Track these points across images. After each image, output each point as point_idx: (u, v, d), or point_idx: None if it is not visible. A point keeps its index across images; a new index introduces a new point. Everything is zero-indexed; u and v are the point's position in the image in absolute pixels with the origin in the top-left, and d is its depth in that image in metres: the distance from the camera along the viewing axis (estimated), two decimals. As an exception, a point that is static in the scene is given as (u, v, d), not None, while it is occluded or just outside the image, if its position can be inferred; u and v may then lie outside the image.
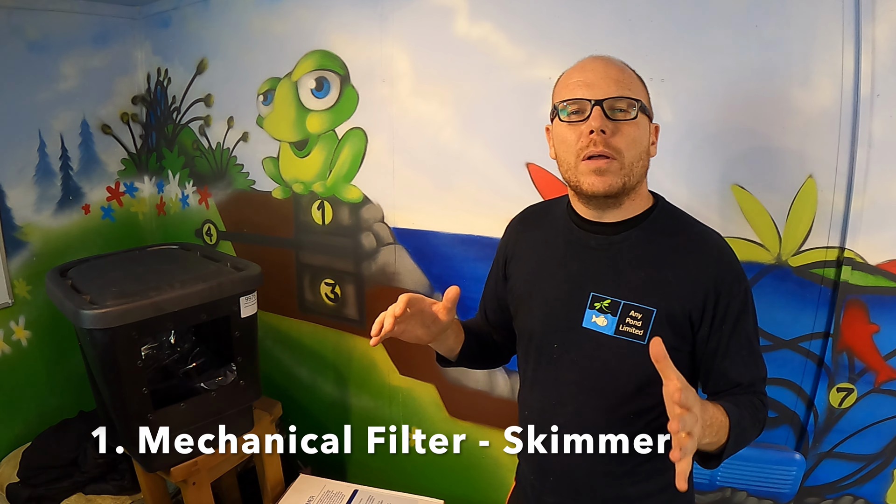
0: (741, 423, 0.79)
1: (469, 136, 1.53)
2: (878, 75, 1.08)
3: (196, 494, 1.47)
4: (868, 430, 1.23)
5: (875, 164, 1.11)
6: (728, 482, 1.30)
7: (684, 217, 0.91)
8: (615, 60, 0.85)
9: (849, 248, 1.16)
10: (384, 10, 1.58)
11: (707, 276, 0.82)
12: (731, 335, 0.84)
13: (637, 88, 0.83)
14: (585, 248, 0.89)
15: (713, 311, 0.83)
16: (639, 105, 0.80)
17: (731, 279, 0.83)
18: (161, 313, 1.30)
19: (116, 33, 2.08)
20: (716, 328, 0.83)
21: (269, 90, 1.86)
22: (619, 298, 0.84)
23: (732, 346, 0.84)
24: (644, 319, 0.83)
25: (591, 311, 0.86)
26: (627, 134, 0.80)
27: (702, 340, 0.84)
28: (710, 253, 0.84)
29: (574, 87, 0.82)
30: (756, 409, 0.84)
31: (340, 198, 1.79)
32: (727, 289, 0.82)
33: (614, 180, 0.81)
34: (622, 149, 0.80)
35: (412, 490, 1.63)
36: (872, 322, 1.18)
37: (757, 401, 0.85)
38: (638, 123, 0.81)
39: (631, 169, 0.81)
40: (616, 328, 0.84)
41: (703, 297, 0.82)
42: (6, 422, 1.92)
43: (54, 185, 2.00)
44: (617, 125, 0.80)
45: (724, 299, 0.82)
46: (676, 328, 0.83)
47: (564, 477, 0.90)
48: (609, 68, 0.82)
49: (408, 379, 1.80)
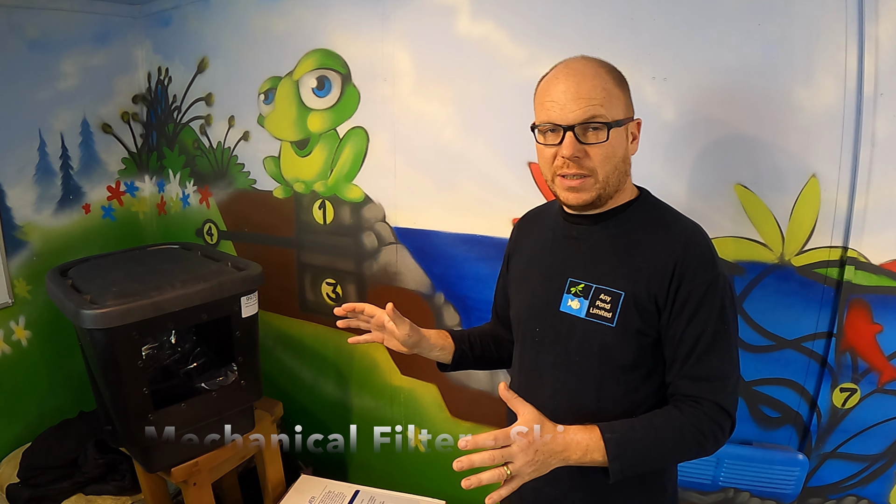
0: (633, 444, 0.81)
1: (471, 136, 1.53)
2: (882, 74, 1.08)
3: (197, 495, 1.46)
4: (871, 431, 1.23)
5: (878, 164, 1.11)
6: (731, 483, 1.30)
7: (664, 209, 0.92)
8: (589, 70, 0.84)
9: (852, 247, 1.16)
10: (386, 9, 1.58)
11: (673, 261, 0.84)
12: (687, 323, 0.83)
13: (611, 99, 0.83)
14: (568, 238, 0.94)
15: (674, 297, 0.84)
16: (609, 127, 0.82)
17: (695, 266, 0.83)
18: (162, 313, 1.29)
19: (117, 32, 2.08)
20: (675, 314, 0.84)
21: (270, 89, 1.85)
22: (591, 283, 0.89)
23: (687, 336, 0.84)
24: (612, 302, 0.86)
25: (568, 296, 0.91)
26: (600, 153, 0.83)
27: (664, 326, 0.86)
28: (679, 240, 0.85)
29: (549, 109, 0.85)
30: (682, 426, 0.82)
31: (342, 197, 1.78)
32: (690, 275, 0.83)
33: (588, 196, 0.86)
34: (595, 167, 0.84)
35: (413, 491, 1.62)
36: (876, 322, 1.18)
37: (691, 414, 0.82)
38: (610, 142, 0.83)
39: (606, 182, 0.85)
40: (587, 311, 0.88)
41: (668, 281, 0.84)
42: (6, 422, 1.92)
43: (54, 184, 2.00)
44: (589, 147, 0.83)
45: (687, 286, 0.83)
46: (643, 312, 0.85)
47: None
48: (581, 85, 0.82)
49: (409, 379, 1.80)
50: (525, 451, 0.76)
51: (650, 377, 0.90)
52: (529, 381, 0.98)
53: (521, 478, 0.77)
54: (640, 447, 0.81)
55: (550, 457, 0.78)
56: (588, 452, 0.80)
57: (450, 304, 1.66)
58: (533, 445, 0.77)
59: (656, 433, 0.82)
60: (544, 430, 0.79)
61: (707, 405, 0.83)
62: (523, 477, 0.77)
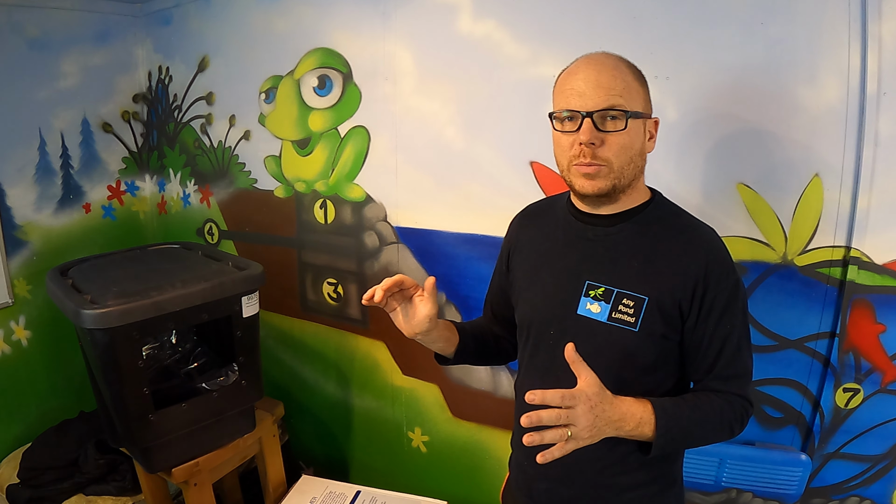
0: (680, 422, 0.83)
1: (472, 135, 1.52)
2: (885, 73, 1.08)
3: (198, 495, 1.46)
4: (874, 431, 1.23)
5: (881, 163, 1.11)
6: (734, 483, 1.30)
7: (679, 211, 0.93)
8: (610, 62, 0.85)
9: (855, 247, 1.15)
10: (387, 8, 1.57)
11: (697, 268, 0.85)
12: (715, 327, 0.86)
13: (631, 91, 0.84)
14: (583, 240, 0.92)
15: (700, 302, 0.85)
16: (627, 115, 0.82)
17: (719, 272, 0.85)
18: (162, 313, 1.29)
19: (117, 31, 2.08)
20: (702, 319, 0.86)
21: (271, 88, 1.85)
22: (612, 286, 0.88)
23: (716, 339, 0.86)
24: (636, 307, 0.86)
25: (586, 299, 0.90)
26: (616, 143, 0.83)
27: (689, 330, 0.87)
28: (701, 245, 0.87)
29: (568, 96, 0.85)
30: (722, 409, 0.86)
31: (343, 197, 1.78)
32: (715, 281, 0.84)
33: (604, 184, 0.85)
34: (611, 158, 0.84)
35: (415, 491, 1.62)
36: (879, 322, 1.17)
37: (726, 401, 0.87)
38: (628, 132, 0.83)
39: (621, 172, 0.85)
40: (609, 315, 0.88)
41: (692, 288, 0.85)
42: (6, 422, 1.91)
43: (55, 183, 1.99)
44: (606, 136, 0.83)
45: (712, 291, 0.85)
46: (666, 317, 0.86)
47: (555, 462, 0.91)
48: (601, 74, 0.83)
49: (411, 379, 1.80)
50: (586, 415, 0.76)
51: (668, 377, 0.91)
52: (545, 384, 0.94)
53: (578, 441, 0.77)
54: (686, 425, 0.84)
55: (607, 424, 0.79)
56: (640, 425, 0.82)
57: (451, 303, 1.65)
58: (594, 410, 0.77)
59: (702, 413, 0.85)
60: (605, 396, 0.79)
61: (736, 398, 0.88)
62: (579, 441, 0.77)
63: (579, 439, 0.77)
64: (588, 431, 0.77)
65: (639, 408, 0.82)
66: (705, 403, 0.86)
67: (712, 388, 0.88)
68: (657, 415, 0.82)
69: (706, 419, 0.86)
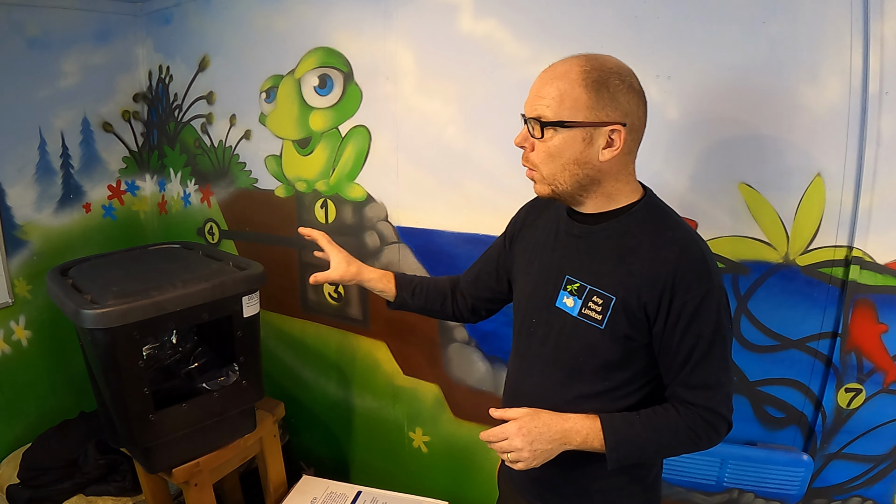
0: (630, 437, 0.87)
1: (474, 134, 1.52)
2: (887, 72, 1.08)
3: (198, 496, 1.46)
4: (876, 431, 1.23)
5: (883, 163, 1.11)
6: (735, 483, 1.29)
7: (665, 213, 0.91)
8: (560, 70, 0.84)
9: (857, 247, 1.15)
10: (388, 7, 1.57)
11: (666, 272, 0.83)
12: (682, 335, 0.84)
13: (565, 101, 0.82)
14: (570, 236, 0.95)
15: (668, 308, 0.84)
16: (543, 125, 0.84)
17: (690, 278, 0.82)
18: (162, 313, 1.29)
19: (117, 30, 2.07)
20: (670, 325, 0.85)
21: (271, 87, 1.85)
22: (586, 283, 0.91)
23: (683, 346, 0.85)
24: (604, 305, 0.88)
25: (564, 293, 0.93)
26: (542, 150, 0.87)
27: (657, 335, 0.87)
28: (673, 250, 0.84)
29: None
30: (677, 424, 0.87)
31: (344, 196, 1.78)
32: (684, 287, 0.82)
33: (541, 188, 0.90)
34: (538, 164, 0.88)
35: (416, 491, 1.62)
36: (881, 322, 1.17)
37: (685, 415, 0.87)
38: (545, 141, 0.85)
39: (553, 179, 0.87)
40: (579, 310, 0.91)
41: (659, 292, 0.84)
42: (6, 422, 1.91)
43: (55, 183, 1.99)
44: (535, 142, 0.87)
45: (680, 298, 0.83)
46: (632, 318, 0.86)
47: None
48: (542, 82, 0.86)
49: (412, 379, 1.79)
50: (520, 438, 0.86)
51: (636, 376, 0.91)
52: (520, 368, 1.03)
53: (526, 462, 0.86)
54: (637, 441, 0.87)
55: (549, 442, 0.87)
56: (588, 440, 0.87)
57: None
58: (528, 434, 0.86)
59: (653, 430, 0.87)
60: (537, 417, 0.88)
61: (703, 410, 0.87)
62: (528, 462, 0.86)
63: (526, 460, 0.86)
64: (528, 452, 0.86)
65: (586, 423, 0.88)
66: (660, 419, 0.87)
67: (678, 396, 0.89)
68: (605, 431, 0.87)
69: (658, 435, 0.87)
